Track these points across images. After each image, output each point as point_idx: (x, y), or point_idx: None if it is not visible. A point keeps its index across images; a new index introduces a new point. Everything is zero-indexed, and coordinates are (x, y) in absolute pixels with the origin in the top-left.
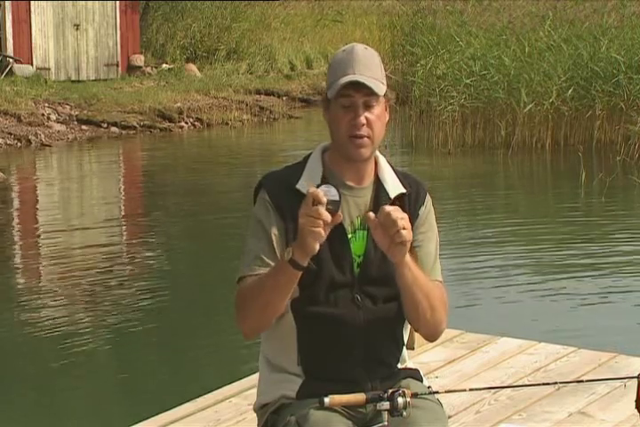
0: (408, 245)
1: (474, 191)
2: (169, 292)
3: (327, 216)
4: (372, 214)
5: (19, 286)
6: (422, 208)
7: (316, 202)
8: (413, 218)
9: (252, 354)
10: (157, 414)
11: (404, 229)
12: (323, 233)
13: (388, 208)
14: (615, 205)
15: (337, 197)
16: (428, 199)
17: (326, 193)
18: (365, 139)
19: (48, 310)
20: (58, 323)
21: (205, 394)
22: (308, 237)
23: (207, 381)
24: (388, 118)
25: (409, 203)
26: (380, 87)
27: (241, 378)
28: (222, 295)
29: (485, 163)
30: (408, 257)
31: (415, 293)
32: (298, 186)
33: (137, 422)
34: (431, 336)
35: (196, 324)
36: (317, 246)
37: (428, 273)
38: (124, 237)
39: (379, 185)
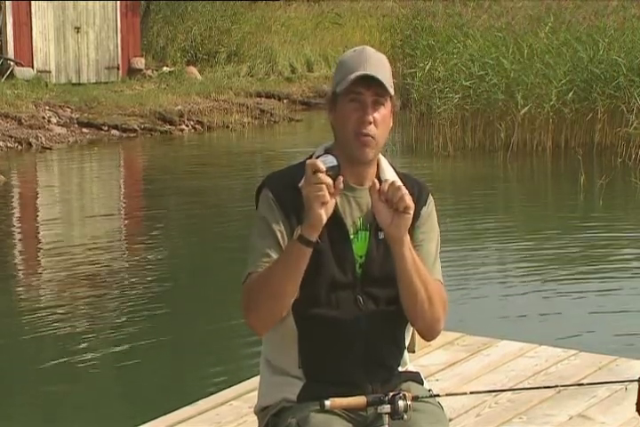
0: (410, 217)
1: (474, 194)
2: (169, 294)
3: (328, 180)
4: (376, 182)
5: (19, 289)
6: (424, 208)
7: (316, 171)
8: (415, 218)
9: (253, 357)
10: (158, 416)
11: (407, 196)
12: (327, 196)
13: (392, 180)
14: (616, 208)
15: (335, 163)
16: (431, 200)
17: (324, 161)
18: (371, 139)
19: (49, 312)
20: (59, 326)
21: (206, 397)
22: (314, 204)
23: (208, 384)
24: (391, 125)
25: None
26: (390, 87)
27: (242, 381)
28: (223, 298)
29: (485, 166)
30: (408, 238)
31: (414, 278)
32: (300, 185)
33: (138, 425)
34: (428, 333)
35: (197, 327)
36: (324, 216)
37: (428, 272)
38: (125, 240)
39: None
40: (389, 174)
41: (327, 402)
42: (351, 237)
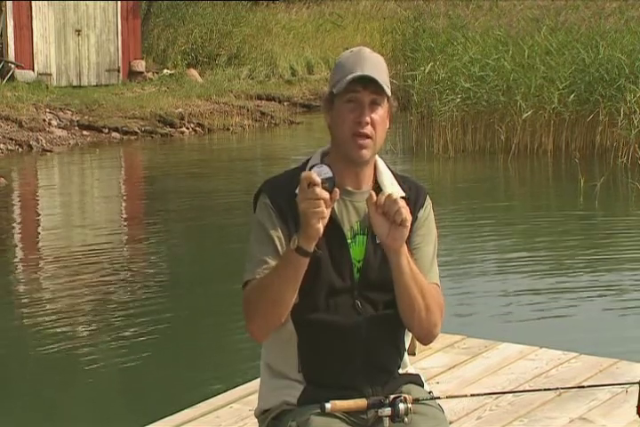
0: (407, 229)
1: (474, 197)
2: (170, 297)
3: (325, 195)
4: (373, 194)
5: (20, 291)
6: (421, 211)
7: (312, 184)
8: (412, 221)
9: (254, 360)
10: (159, 419)
11: (404, 208)
12: (325, 212)
13: (389, 192)
14: (617, 210)
15: (330, 174)
16: (428, 202)
17: (319, 173)
18: (368, 140)
19: (50, 314)
20: (59, 328)
21: (207, 399)
22: (311, 220)
23: (208, 386)
24: (388, 126)
25: (408, 206)
26: (386, 88)
27: (242, 384)
28: (224, 300)
29: (486, 168)
30: (405, 248)
31: (411, 287)
32: (297, 197)
33: None
34: (425, 338)
35: (197, 329)
36: (322, 228)
37: (425, 276)
38: (126, 242)
39: (378, 189)
40: (387, 177)
41: (328, 405)
42: (348, 241)
